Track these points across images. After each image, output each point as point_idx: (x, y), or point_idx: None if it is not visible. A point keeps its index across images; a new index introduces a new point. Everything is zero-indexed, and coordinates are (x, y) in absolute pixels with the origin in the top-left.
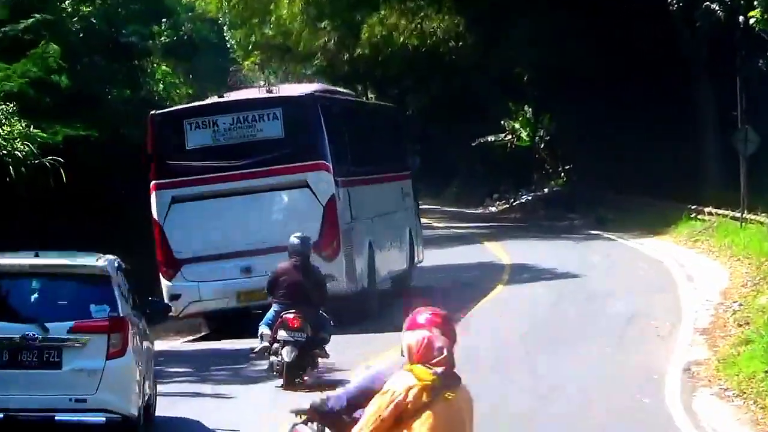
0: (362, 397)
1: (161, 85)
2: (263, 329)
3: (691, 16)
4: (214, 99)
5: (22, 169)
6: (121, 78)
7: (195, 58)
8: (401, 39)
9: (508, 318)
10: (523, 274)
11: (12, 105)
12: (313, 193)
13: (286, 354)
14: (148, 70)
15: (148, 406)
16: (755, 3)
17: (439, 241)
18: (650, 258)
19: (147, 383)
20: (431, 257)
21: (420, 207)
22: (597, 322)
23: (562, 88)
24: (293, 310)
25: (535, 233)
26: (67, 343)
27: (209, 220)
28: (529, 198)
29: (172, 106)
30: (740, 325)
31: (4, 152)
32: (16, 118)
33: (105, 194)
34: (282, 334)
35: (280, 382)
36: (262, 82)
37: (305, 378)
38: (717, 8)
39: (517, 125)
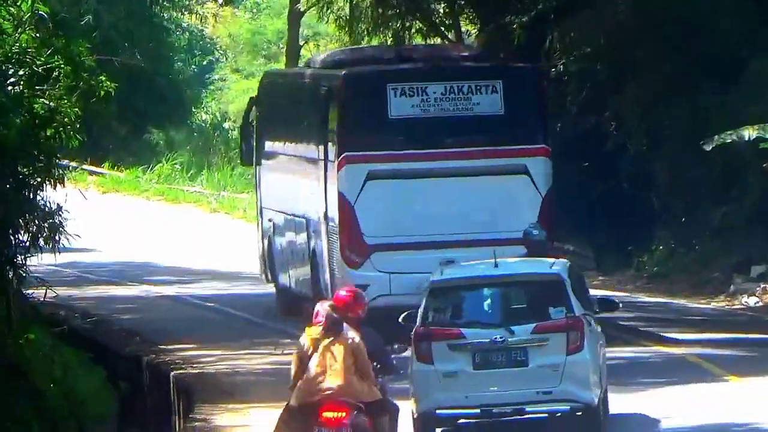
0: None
1: None
2: None
3: None
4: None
5: None
6: None
7: None
8: None
9: None
10: None
11: None
12: (532, 182)
13: None
14: None
15: (605, 399)
16: None
17: (623, 370)
18: None
19: (603, 378)
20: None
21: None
22: None
23: None
24: None
25: None
26: (531, 343)
27: (408, 203)
28: None
29: None
30: None
31: None
32: None
33: None
34: None
35: None
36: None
37: None
38: None
39: None
